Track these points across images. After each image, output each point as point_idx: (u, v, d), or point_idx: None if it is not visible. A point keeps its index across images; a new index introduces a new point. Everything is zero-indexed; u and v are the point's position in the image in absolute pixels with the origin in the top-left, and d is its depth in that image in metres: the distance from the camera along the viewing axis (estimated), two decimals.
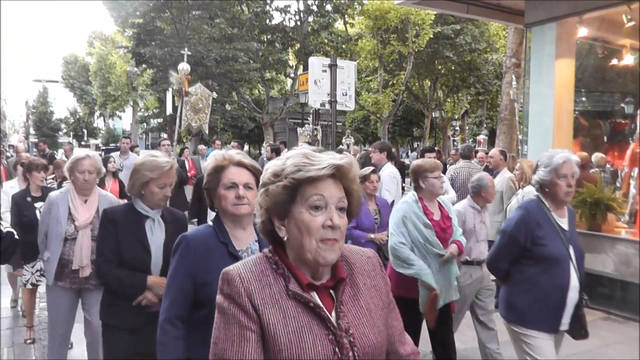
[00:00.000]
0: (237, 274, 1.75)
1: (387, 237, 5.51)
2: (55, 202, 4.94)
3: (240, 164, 2.85)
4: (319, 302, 1.75)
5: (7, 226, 3.96)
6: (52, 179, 9.15)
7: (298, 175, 1.71)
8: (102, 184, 8.42)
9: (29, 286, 6.57)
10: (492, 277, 5.01)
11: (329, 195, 1.73)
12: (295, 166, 1.72)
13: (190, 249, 2.72)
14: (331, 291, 1.80)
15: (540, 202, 4.03)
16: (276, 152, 12.24)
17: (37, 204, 6.40)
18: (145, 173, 3.68)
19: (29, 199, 6.53)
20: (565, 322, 3.94)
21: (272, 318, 1.69)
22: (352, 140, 12.45)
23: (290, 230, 1.76)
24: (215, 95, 13.51)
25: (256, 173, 2.85)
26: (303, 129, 19.32)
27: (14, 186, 7.39)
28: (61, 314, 5.02)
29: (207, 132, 12.71)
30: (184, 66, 11.59)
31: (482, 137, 18.68)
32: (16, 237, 4.15)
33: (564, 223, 4.00)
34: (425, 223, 4.93)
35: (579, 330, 3.99)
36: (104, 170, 5.27)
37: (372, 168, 6.50)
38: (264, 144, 17.74)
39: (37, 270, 6.47)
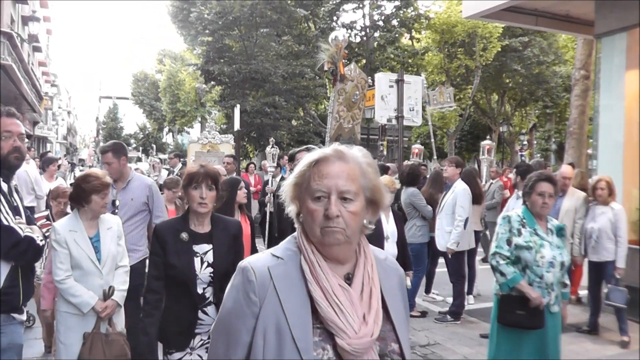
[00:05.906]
0: None
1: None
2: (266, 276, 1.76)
3: None
4: None
5: (28, 230, 3.13)
6: (46, 218, 6.13)
7: None
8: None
9: None
10: None
11: None
12: None
13: None
14: None
15: None
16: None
17: (199, 248, 3.67)
18: None
19: (184, 235, 3.66)
20: None
21: None
22: (278, 150, 11.39)
23: None
24: (370, 81, 9.96)
25: None
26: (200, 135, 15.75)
27: (75, 229, 4.33)
28: None
29: (359, 138, 8.93)
30: (339, 34, 7.84)
31: (416, 147, 16.17)
32: (38, 243, 3.07)
33: None
34: None
35: None
36: None
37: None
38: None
39: None
